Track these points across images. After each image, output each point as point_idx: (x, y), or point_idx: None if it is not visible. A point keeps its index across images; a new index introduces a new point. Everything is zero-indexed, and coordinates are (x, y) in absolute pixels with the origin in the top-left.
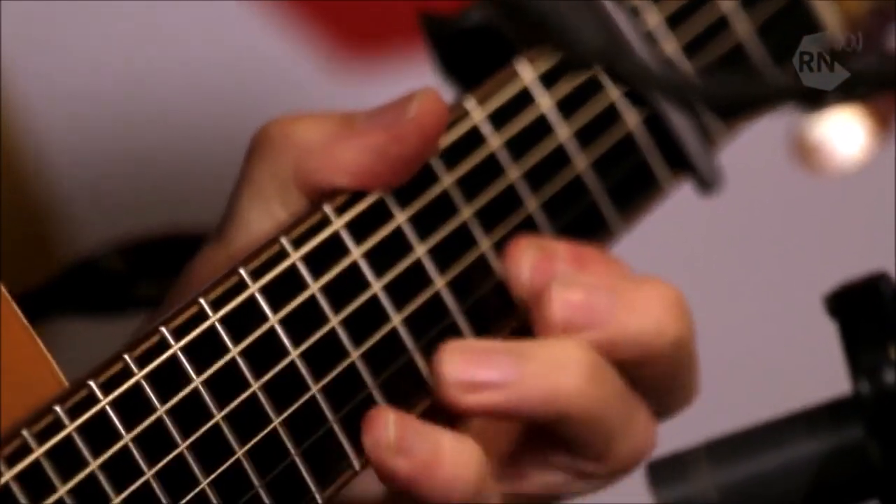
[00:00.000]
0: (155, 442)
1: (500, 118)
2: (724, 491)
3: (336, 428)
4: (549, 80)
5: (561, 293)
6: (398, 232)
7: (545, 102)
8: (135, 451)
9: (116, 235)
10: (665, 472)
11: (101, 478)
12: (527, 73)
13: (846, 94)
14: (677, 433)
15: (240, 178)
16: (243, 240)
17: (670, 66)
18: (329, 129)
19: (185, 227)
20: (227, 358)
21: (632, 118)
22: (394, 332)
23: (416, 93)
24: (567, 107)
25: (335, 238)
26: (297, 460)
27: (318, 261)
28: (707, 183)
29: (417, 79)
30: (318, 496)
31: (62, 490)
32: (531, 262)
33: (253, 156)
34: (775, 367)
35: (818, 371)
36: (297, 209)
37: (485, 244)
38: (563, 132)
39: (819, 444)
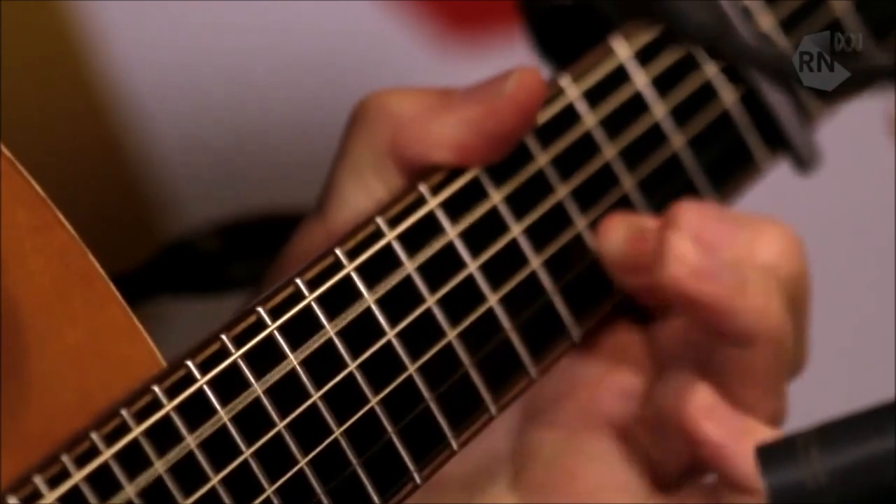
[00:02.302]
0: (252, 421)
1: (595, 95)
2: (835, 475)
3: (433, 407)
4: (644, 57)
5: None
6: (494, 211)
7: (641, 80)
8: (232, 430)
9: (216, 217)
10: (775, 455)
11: (199, 456)
12: (622, 50)
13: None
14: (788, 417)
15: (338, 151)
16: (341, 215)
17: (769, 43)
18: (426, 103)
19: (280, 209)
20: (324, 338)
21: (728, 95)
22: (490, 311)
23: (514, 69)
24: (663, 84)
25: (431, 217)
26: (395, 439)
27: (414, 240)
28: (804, 161)
29: (517, 58)
30: (416, 475)
31: (160, 467)
32: (623, 237)
33: (351, 129)
34: (886, 350)
35: None
36: (394, 185)
37: (581, 223)
38: (659, 110)
39: None
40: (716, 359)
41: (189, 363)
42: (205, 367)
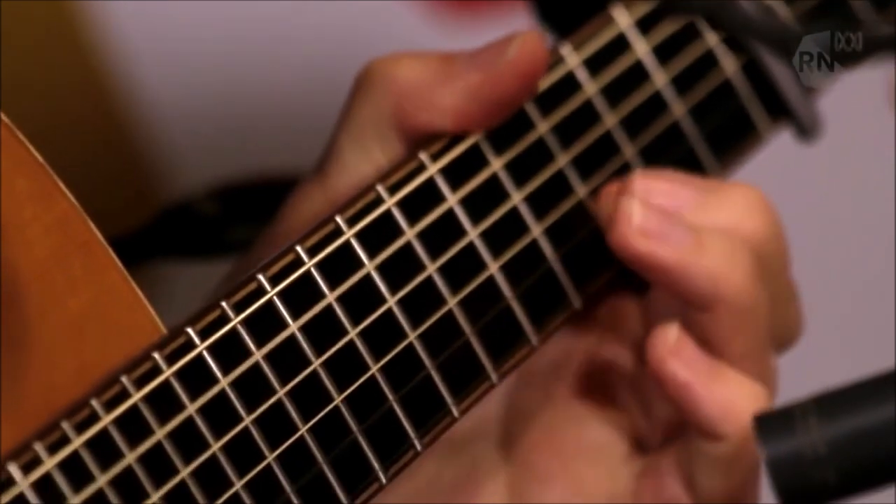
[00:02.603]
0: (253, 388)
1: (596, 64)
2: (833, 445)
3: (434, 375)
4: (645, 25)
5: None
6: (494, 178)
7: (641, 48)
8: (232, 397)
9: (214, 181)
10: (773, 425)
11: (199, 422)
12: (623, 18)
13: None
14: (785, 387)
15: (340, 117)
16: (341, 181)
17: (770, 14)
18: (429, 69)
19: (278, 172)
20: (323, 304)
21: (730, 64)
22: (491, 279)
23: (517, 34)
24: (664, 53)
25: (431, 184)
26: (396, 406)
27: (415, 207)
28: (806, 129)
29: (518, 27)
30: (416, 442)
31: (160, 434)
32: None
33: (354, 95)
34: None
35: None
36: (395, 153)
37: (581, 191)
38: (660, 78)
39: None
40: (688, 325)
41: (189, 330)
42: (205, 334)
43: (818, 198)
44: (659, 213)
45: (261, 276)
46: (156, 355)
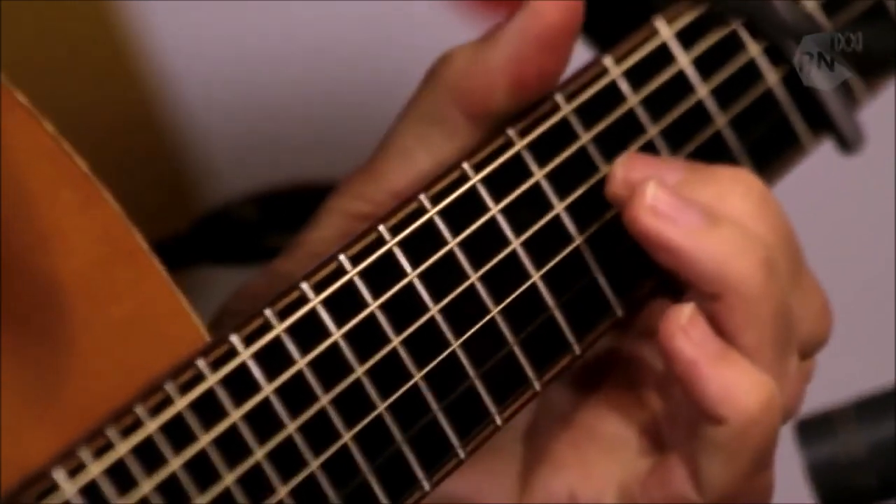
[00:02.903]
0: (296, 395)
1: (638, 75)
2: (873, 449)
3: (477, 384)
4: (687, 37)
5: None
6: (537, 188)
7: (684, 59)
8: (276, 404)
9: (252, 187)
10: (813, 430)
11: (243, 429)
12: (665, 30)
13: None
14: (826, 392)
15: (402, 110)
16: (397, 172)
17: (811, 21)
18: (476, 43)
19: (315, 180)
20: (366, 312)
21: (772, 76)
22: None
23: None
24: (706, 64)
25: (473, 193)
26: (439, 415)
27: (457, 216)
28: (849, 142)
29: None
30: (460, 451)
31: (204, 441)
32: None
33: (419, 87)
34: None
35: None
36: (460, 137)
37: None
38: (702, 90)
39: None
40: (704, 315)
41: (233, 338)
42: (249, 341)
43: (817, 197)
44: (671, 194)
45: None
46: (200, 362)
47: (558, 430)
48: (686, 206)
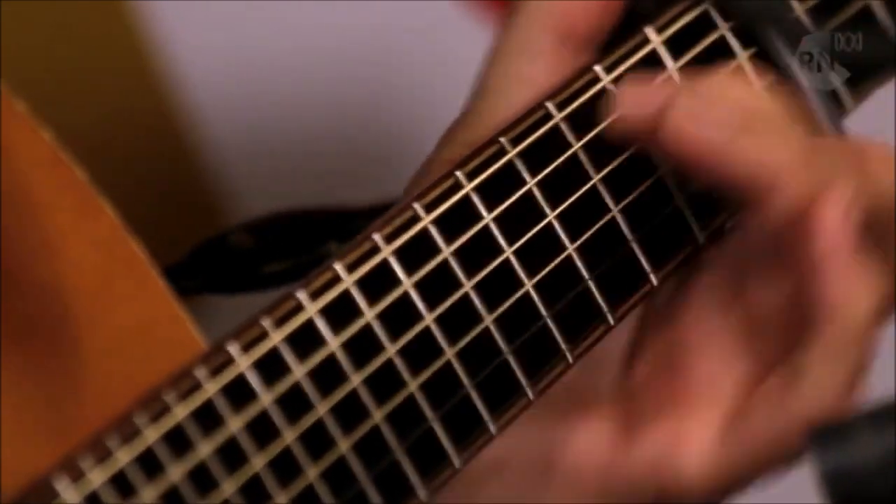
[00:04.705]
0: (294, 404)
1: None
2: (889, 457)
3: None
4: (676, 45)
5: None
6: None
7: (672, 66)
8: (274, 414)
9: (252, 214)
10: (827, 438)
11: (241, 439)
12: (655, 38)
13: None
14: None
15: (489, 53)
16: (500, 110)
17: (790, 12)
18: None
19: (316, 207)
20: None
21: (758, 83)
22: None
23: None
24: (694, 72)
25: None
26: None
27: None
28: None
29: None
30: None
31: (204, 451)
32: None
33: (505, 24)
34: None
35: None
36: (558, 64)
37: (614, 207)
38: None
39: None
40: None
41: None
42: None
43: None
44: (698, 94)
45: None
46: (199, 371)
47: (652, 372)
48: (720, 105)
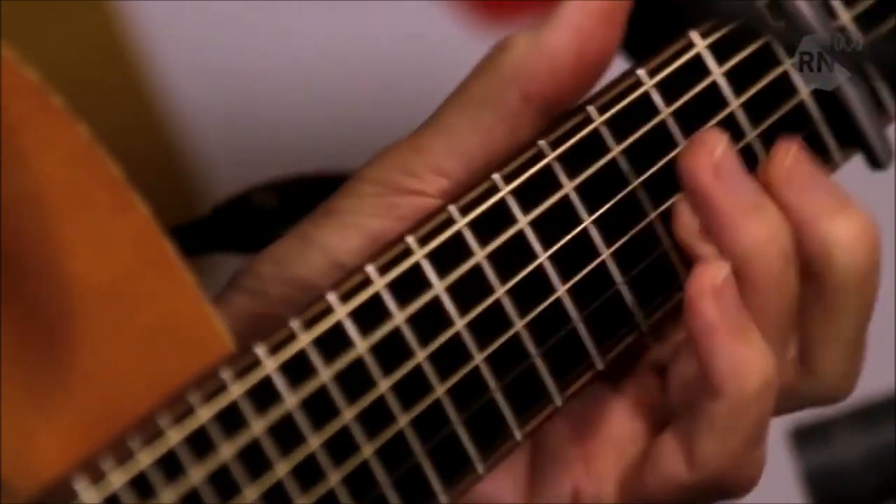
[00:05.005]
0: (320, 408)
1: (671, 87)
2: (869, 456)
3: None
4: (720, 50)
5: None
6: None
7: (717, 72)
8: (299, 418)
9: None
10: (809, 437)
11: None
12: (699, 42)
13: None
14: None
15: (451, 95)
16: (442, 148)
17: (845, 36)
18: (538, 29)
19: (336, 170)
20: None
21: (804, 89)
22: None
23: None
24: (739, 77)
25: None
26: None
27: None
28: (879, 158)
29: None
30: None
31: (226, 453)
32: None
33: (472, 73)
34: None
35: None
36: (518, 120)
37: (651, 212)
38: (735, 102)
39: None
40: None
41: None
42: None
43: None
44: (737, 161)
45: (331, 296)
46: (225, 373)
47: (561, 424)
48: (747, 180)
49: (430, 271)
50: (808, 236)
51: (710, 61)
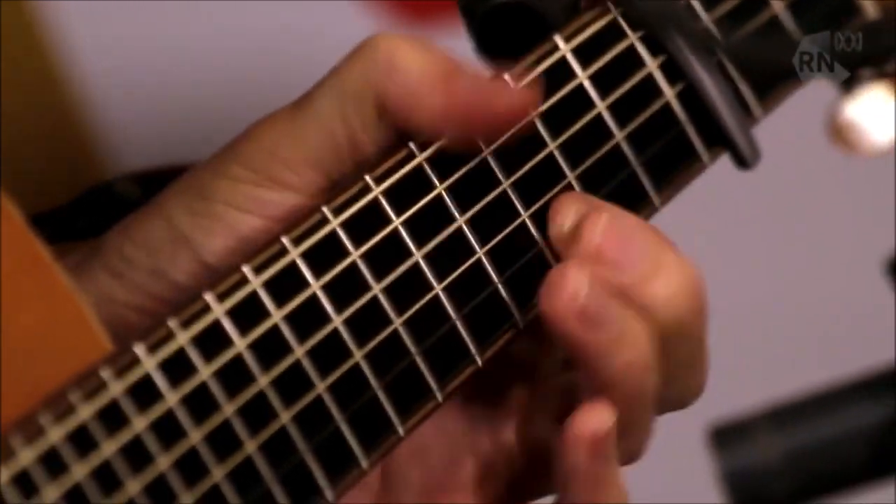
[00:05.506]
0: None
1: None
2: (788, 456)
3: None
4: (585, 53)
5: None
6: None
7: (583, 75)
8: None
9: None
10: (728, 437)
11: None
12: (563, 46)
13: (875, 68)
14: (739, 398)
15: (329, 72)
16: (310, 126)
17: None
18: (434, 67)
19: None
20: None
21: (669, 91)
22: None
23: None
24: (604, 80)
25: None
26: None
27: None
28: (745, 157)
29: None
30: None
31: (108, 450)
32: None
33: (349, 58)
34: (833, 333)
35: (879, 336)
36: (370, 125)
37: (525, 211)
38: (601, 104)
39: (883, 409)
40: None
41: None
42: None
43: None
44: (602, 295)
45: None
46: (104, 372)
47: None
48: (610, 311)
49: (306, 270)
50: (635, 301)
51: (576, 64)
